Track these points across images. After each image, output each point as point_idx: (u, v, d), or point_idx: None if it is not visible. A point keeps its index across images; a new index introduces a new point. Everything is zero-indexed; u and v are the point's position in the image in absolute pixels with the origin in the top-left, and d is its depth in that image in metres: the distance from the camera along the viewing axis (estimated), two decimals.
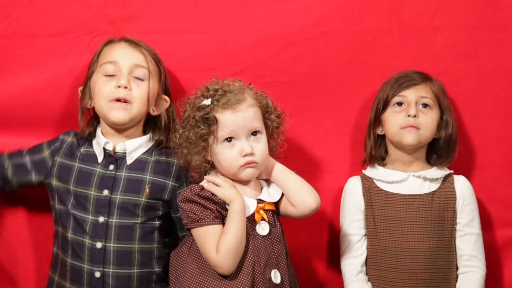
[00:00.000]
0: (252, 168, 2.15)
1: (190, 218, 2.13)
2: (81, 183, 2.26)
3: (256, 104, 2.18)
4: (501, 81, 2.48)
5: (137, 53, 2.30)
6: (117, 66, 2.27)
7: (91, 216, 2.23)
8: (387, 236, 2.32)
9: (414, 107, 2.32)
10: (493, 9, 2.48)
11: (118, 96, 2.24)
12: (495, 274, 2.49)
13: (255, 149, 2.15)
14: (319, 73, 2.49)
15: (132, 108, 2.26)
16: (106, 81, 2.26)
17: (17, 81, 2.42)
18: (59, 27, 2.42)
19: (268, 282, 2.12)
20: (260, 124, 2.17)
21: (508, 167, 2.48)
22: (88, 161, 2.28)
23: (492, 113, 2.49)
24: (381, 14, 2.48)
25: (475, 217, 2.34)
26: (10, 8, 2.42)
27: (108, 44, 2.33)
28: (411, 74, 2.37)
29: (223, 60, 2.48)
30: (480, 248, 2.32)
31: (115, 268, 2.21)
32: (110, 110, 2.25)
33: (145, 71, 2.28)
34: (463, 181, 2.36)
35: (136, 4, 2.46)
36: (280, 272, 2.15)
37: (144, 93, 2.27)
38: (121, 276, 2.21)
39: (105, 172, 2.26)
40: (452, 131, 2.37)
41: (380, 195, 2.35)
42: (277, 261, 2.16)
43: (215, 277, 2.11)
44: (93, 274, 2.20)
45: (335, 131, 2.50)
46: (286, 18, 2.48)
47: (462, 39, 2.48)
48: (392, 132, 2.34)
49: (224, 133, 2.14)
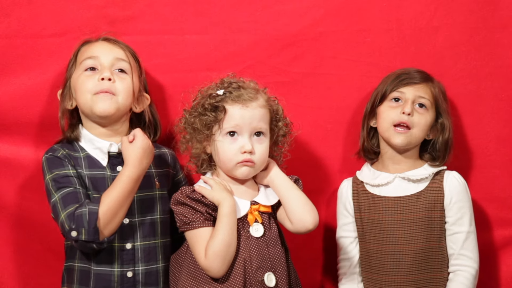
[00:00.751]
0: (248, 167, 2.14)
1: (181, 221, 2.13)
2: (97, 189, 2.21)
3: (266, 107, 2.18)
4: (501, 81, 2.48)
5: (117, 48, 2.29)
6: (98, 60, 2.26)
7: None
8: (373, 239, 2.32)
9: (411, 105, 2.31)
10: (493, 9, 2.48)
11: (102, 88, 2.21)
12: (494, 274, 2.49)
13: (255, 149, 2.14)
14: (319, 73, 2.49)
15: (117, 99, 2.23)
16: (88, 76, 2.24)
17: (17, 81, 2.42)
18: (59, 27, 2.43)
19: (260, 284, 2.10)
20: (266, 126, 2.17)
21: (508, 167, 2.48)
22: (93, 167, 2.24)
23: (492, 113, 2.49)
24: (381, 14, 2.48)
25: (465, 215, 2.31)
26: (10, 8, 2.42)
27: (86, 44, 2.32)
28: (412, 72, 2.37)
29: (223, 60, 2.48)
30: (470, 246, 2.30)
31: (144, 265, 2.21)
32: (95, 102, 2.21)
33: (127, 64, 2.27)
34: (453, 178, 2.33)
35: (136, 4, 2.47)
36: (276, 276, 2.13)
37: (128, 86, 2.25)
38: (149, 272, 2.22)
39: (115, 174, 2.21)
40: (449, 136, 2.36)
41: (368, 198, 2.35)
42: (273, 264, 2.14)
43: (207, 280, 2.10)
44: (124, 275, 2.20)
45: (334, 131, 2.50)
46: (286, 19, 2.48)
47: (462, 39, 2.48)
48: (384, 126, 2.34)
49: (229, 126, 2.14)
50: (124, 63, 2.28)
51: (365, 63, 2.48)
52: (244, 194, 2.18)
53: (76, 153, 2.25)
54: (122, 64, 2.27)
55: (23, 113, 2.42)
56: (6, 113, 2.42)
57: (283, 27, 2.49)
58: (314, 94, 2.49)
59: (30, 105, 2.42)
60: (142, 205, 2.24)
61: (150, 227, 2.24)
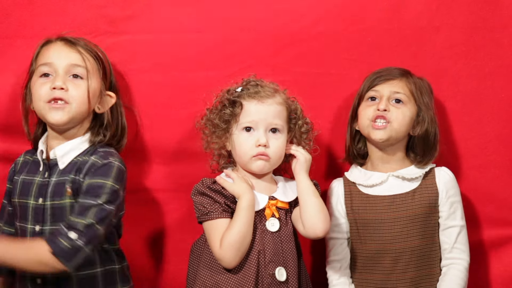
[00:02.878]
0: (264, 161, 2.19)
1: (200, 211, 2.18)
2: (23, 194, 2.23)
3: (284, 105, 2.23)
4: (501, 81, 2.48)
5: (73, 52, 2.25)
6: (53, 67, 2.23)
7: (30, 225, 2.20)
8: (369, 239, 2.32)
9: (386, 101, 2.31)
10: (493, 9, 2.48)
11: (54, 96, 2.20)
12: (494, 274, 2.50)
13: (270, 143, 2.19)
14: (319, 73, 2.49)
15: (71, 108, 2.21)
16: (43, 83, 2.23)
17: (17, 81, 2.40)
18: (59, 27, 2.41)
19: (270, 277, 2.14)
20: (282, 123, 2.22)
21: (508, 167, 2.48)
22: (31, 172, 2.26)
23: (492, 113, 2.49)
24: (381, 14, 2.48)
25: (457, 209, 2.33)
26: (10, 8, 2.42)
27: (45, 45, 2.29)
28: (390, 69, 2.37)
29: (223, 60, 2.48)
30: (463, 239, 2.32)
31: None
32: (48, 112, 2.21)
33: (82, 69, 2.24)
34: (445, 174, 2.35)
35: (136, 4, 2.46)
36: (288, 271, 2.17)
37: (82, 92, 2.22)
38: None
39: (42, 180, 2.22)
40: (428, 128, 2.34)
41: (362, 198, 2.35)
42: (285, 259, 2.18)
43: (222, 271, 2.15)
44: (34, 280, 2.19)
45: (335, 131, 2.50)
46: (286, 18, 2.48)
47: (462, 39, 2.48)
48: (363, 125, 2.34)
49: (245, 121, 2.20)
50: (79, 68, 2.24)
51: (365, 63, 2.48)
52: (263, 189, 2.23)
53: (30, 158, 2.30)
54: (77, 69, 2.24)
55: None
56: (6, 113, 2.42)
57: (283, 27, 2.48)
58: (314, 94, 2.49)
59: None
60: (52, 212, 2.19)
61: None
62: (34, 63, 2.28)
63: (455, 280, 2.28)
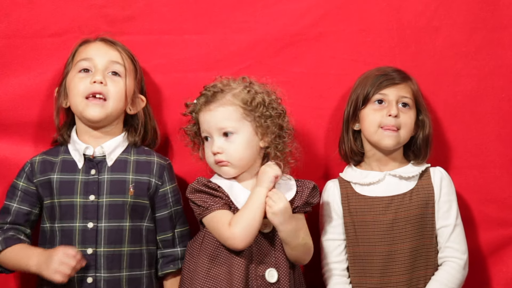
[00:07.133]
0: (226, 167, 2.18)
1: (200, 207, 2.16)
2: (64, 193, 2.23)
3: (234, 102, 2.17)
4: (501, 81, 2.48)
5: (113, 51, 2.30)
6: (92, 62, 2.26)
7: (79, 223, 2.20)
8: (367, 242, 2.31)
9: (395, 106, 2.31)
10: (493, 9, 2.48)
11: (94, 90, 2.23)
12: (494, 274, 2.49)
13: (225, 148, 2.17)
14: (319, 73, 2.49)
15: (108, 104, 2.24)
16: (82, 78, 2.25)
17: (17, 81, 2.42)
18: (59, 27, 2.43)
19: (260, 279, 2.13)
20: (233, 124, 2.17)
21: (508, 167, 2.48)
22: (66, 171, 2.25)
23: (492, 113, 2.49)
24: (381, 14, 2.48)
25: (451, 207, 2.32)
26: (10, 8, 2.42)
27: (83, 44, 2.32)
28: (390, 72, 2.36)
29: (223, 60, 2.48)
30: (457, 238, 2.31)
31: (106, 272, 2.19)
32: (86, 107, 2.23)
33: (121, 67, 2.28)
34: (439, 174, 2.35)
35: (136, 4, 2.47)
36: (279, 273, 2.15)
37: (120, 89, 2.26)
38: (112, 280, 2.20)
39: (87, 177, 2.23)
40: (429, 131, 2.36)
41: (359, 200, 2.34)
42: (277, 261, 2.16)
43: (220, 262, 2.13)
44: (84, 280, 2.19)
45: (335, 131, 2.49)
46: (286, 18, 2.49)
47: (462, 39, 2.49)
48: (370, 130, 2.33)
49: (203, 132, 2.21)
50: (118, 66, 2.28)
51: (365, 63, 2.48)
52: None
53: (55, 157, 2.28)
54: (116, 67, 2.28)
55: (23, 113, 2.42)
56: (6, 113, 2.42)
57: (283, 27, 2.49)
58: (314, 94, 2.49)
59: (29, 105, 2.42)
60: (110, 209, 2.21)
61: (117, 234, 2.21)
62: (71, 61, 2.30)
63: (443, 279, 2.26)
